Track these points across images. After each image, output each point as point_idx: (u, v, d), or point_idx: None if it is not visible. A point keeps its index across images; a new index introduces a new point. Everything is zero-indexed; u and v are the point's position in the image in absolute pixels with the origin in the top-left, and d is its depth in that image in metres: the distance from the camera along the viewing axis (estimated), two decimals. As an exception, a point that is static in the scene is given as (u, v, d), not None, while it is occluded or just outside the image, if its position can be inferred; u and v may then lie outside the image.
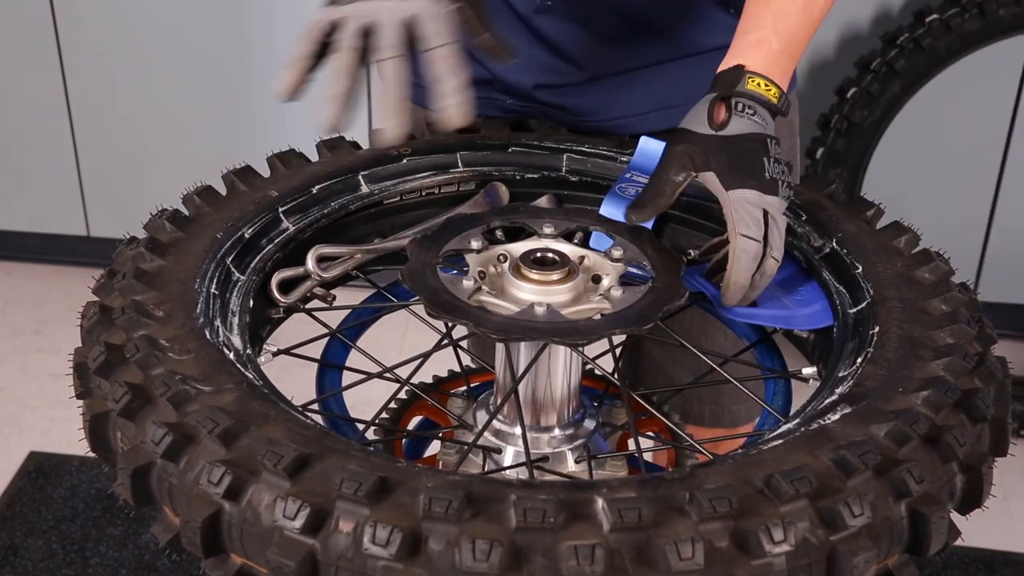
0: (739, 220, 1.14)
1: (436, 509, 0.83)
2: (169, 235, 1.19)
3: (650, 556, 0.82)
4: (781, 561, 0.84)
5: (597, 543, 0.81)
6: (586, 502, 0.85)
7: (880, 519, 0.88)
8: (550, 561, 0.82)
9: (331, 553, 0.84)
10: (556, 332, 1.06)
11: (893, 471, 0.90)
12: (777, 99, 1.21)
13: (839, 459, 0.90)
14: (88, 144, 3.14)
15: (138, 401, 0.96)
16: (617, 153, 1.40)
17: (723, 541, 0.84)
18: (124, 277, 1.11)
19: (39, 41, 3.01)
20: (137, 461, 0.94)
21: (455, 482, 0.86)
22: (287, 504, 0.85)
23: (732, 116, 1.18)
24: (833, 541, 0.86)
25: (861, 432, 0.94)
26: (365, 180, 1.34)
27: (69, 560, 2.39)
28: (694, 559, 0.82)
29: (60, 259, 3.35)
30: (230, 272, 1.16)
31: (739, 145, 1.17)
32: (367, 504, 0.84)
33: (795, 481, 0.86)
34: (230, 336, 1.08)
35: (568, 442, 1.21)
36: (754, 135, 1.18)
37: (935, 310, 1.11)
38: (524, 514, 0.82)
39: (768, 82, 1.20)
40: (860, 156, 2.66)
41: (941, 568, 2.37)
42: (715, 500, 0.84)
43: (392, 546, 0.82)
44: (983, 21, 2.56)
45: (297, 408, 0.99)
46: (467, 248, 1.17)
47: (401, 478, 0.86)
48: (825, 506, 0.86)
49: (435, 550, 0.83)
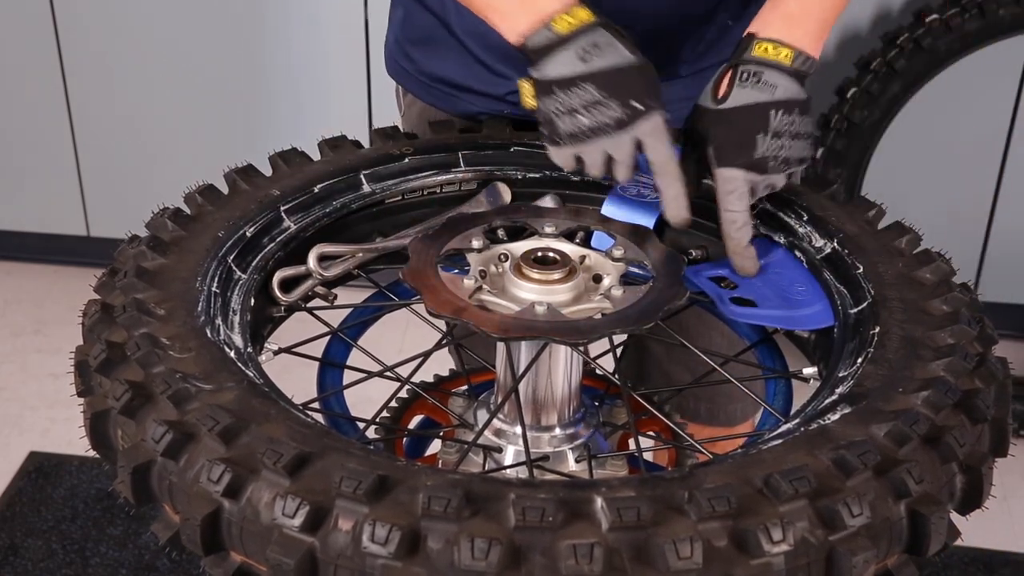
0: (723, 198, 1.20)
1: (435, 508, 0.83)
2: (171, 233, 1.19)
3: (649, 555, 0.82)
4: (780, 561, 0.84)
5: (596, 542, 0.81)
6: (585, 501, 0.85)
7: (879, 519, 0.88)
8: (549, 560, 0.82)
9: (330, 551, 0.84)
10: (556, 331, 1.06)
11: (893, 471, 0.90)
12: (790, 60, 1.20)
13: (838, 459, 0.90)
14: (88, 144, 3.14)
15: (139, 399, 0.97)
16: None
17: (722, 541, 0.84)
18: (125, 275, 1.11)
19: (39, 41, 3.00)
20: (137, 459, 0.94)
21: (454, 481, 0.86)
22: (286, 502, 0.85)
23: (735, 87, 1.19)
24: (832, 541, 0.86)
25: (861, 432, 0.94)
26: (367, 179, 1.34)
27: (69, 560, 2.38)
28: (692, 558, 0.82)
29: (60, 259, 3.34)
30: (231, 271, 1.17)
31: (735, 119, 1.19)
32: (366, 502, 0.84)
33: (794, 481, 0.86)
34: (231, 335, 1.08)
35: (569, 441, 1.21)
36: (754, 106, 1.18)
37: (936, 310, 1.10)
38: (523, 513, 0.82)
39: (777, 45, 1.20)
40: (860, 156, 2.66)
41: (941, 568, 2.36)
42: (714, 500, 0.84)
43: (391, 544, 0.82)
44: (983, 21, 2.56)
45: (297, 407, 0.99)
46: (468, 247, 1.17)
47: (400, 477, 0.87)
48: (824, 506, 0.86)
49: (434, 549, 0.83)
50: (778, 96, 1.19)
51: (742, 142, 1.18)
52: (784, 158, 1.19)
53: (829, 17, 1.26)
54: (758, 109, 1.18)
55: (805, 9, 1.24)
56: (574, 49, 1.16)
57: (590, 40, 1.17)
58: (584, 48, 1.16)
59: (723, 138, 1.19)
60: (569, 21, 1.17)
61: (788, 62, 1.19)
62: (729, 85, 1.20)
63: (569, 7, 1.18)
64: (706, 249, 1.32)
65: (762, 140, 1.17)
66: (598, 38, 1.17)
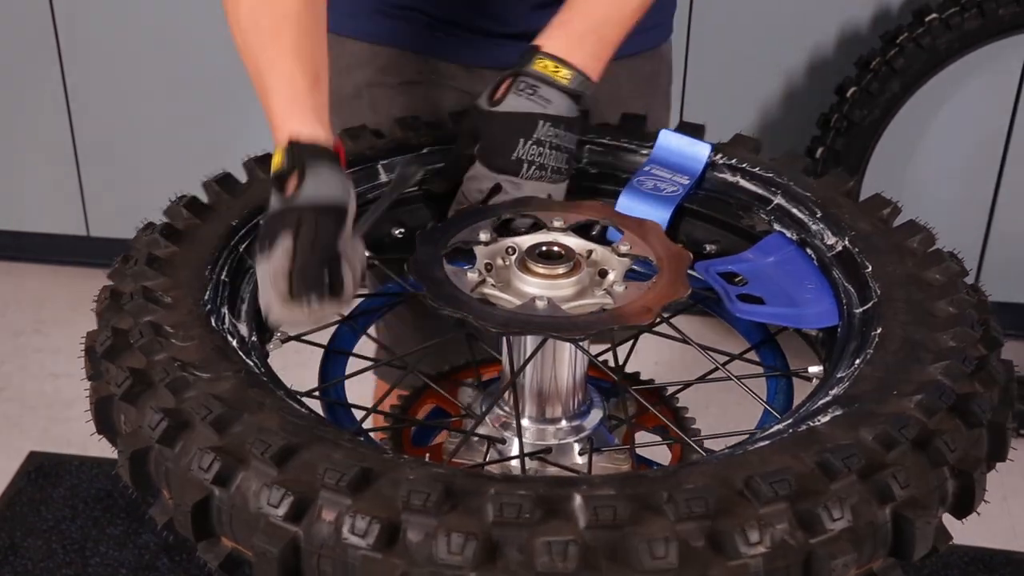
0: (465, 189, 1.28)
1: (414, 501, 0.84)
2: (185, 221, 1.21)
3: (625, 554, 0.83)
4: (758, 562, 0.84)
5: (571, 540, 0.82)
6: (564, 498, 0.85)
7: (862, 523, 0.88)
8: (525, 556, 0.82)
9: (314, 541, 0.86)
10: (554, 327, 1.06)
11: (877, 475, 0.89)
12: (568, 80, 1.26)
13: (823, 462, 0.89)
14: (88, 144, 3.13)
15: (139, 386, 0.99)
16: (638, 146, 1.40)
17: (699, 541, 0.84)
18: (136, 263, 1.13)
19: (38, 41, 3.00)
20: (136, 444, 0.96)
21: (436, 475, 0.87)
22: (271, 492, 0.87)
23: (510, 94, 1.25)
24: (812, 544, 0.86)
25: (849, 435, 0.93)
26: (384, 169, 1.35)
27: (69, 560, 2.39)
28: (667, 558, 0.82)
29: (60, 259, 3.33)
30: (242, 259, 1.18)
31: (504, 122, 1.25)
32: (349, 494, 0.86)
33: (775, 483, 0.86)
34: (237, 323, 1.10)
35: (574, 434, 1.22)
36: (523, 114, 1.24)
37: (941, 312, 1.09)
38: (501, 509, 0.83)
39: (559, 64, 1.26)
40: (860, 155, 2.67)
41: (941, 567, 2.35)
42: (692, 500, 0.84)
43: (370, 536, 0.84)
44: (983, 20, 2.56)
45: (296, 396, 1.01)
46: (475, 240, 1.18)
47: (384, 469, 0.88)
48: (804, 509, 0.86)
49: (413, 541, 0.84)
50: (549, 110, 1.25)
51: (504, 143, 1.24)
52: (540, 164, 1.25)
53: (613, 38, 1.32)
54: (527, 117, 1.25)
55: (591, 27, 1.30)
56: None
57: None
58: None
59: (489, 137, 1.26)
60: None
61: (566, 82, 1.26)
62: (505, 91, 1.26)
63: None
64: (719, 243, 1.32)
65: (523, 144, 1.24)
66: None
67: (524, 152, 1.24)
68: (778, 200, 1.29)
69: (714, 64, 2.78)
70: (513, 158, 1.25)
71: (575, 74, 1.26)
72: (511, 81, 1.26)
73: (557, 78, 1.26)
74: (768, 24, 2.74)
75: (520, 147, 1.24)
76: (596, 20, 1.30)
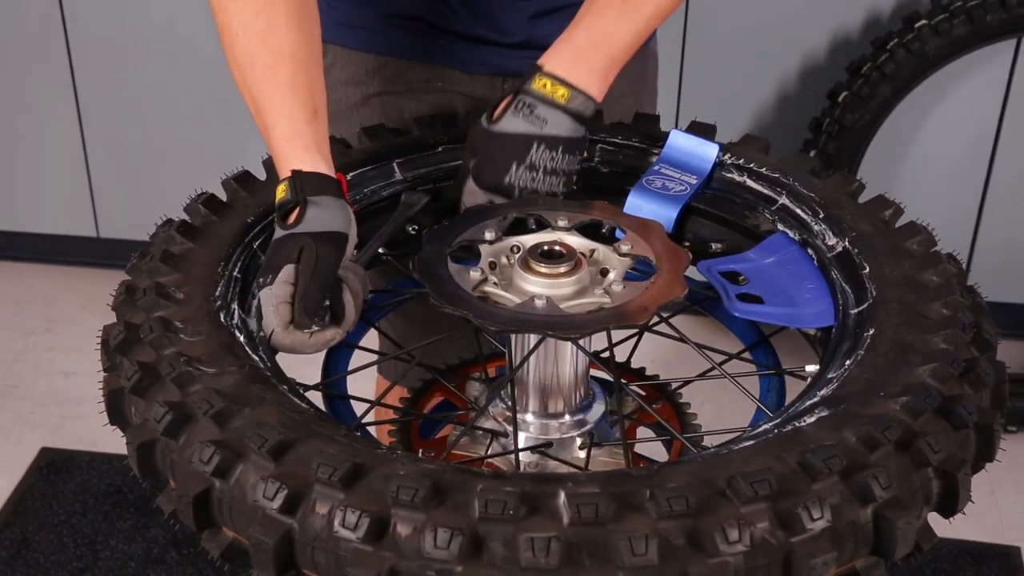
0: (465, 201, 1.29)
1: (403, 496, 0.87)
2: (202, 218, 1.24)
3: (606, 551, 0.85)
4: (739, 560, 0.86)
5: (554, 536, 0.85)
6: (549, 495, 0.88)
7: (844, 523, 0.90)
8: (509, 551, 0.85)
9: (308, 533, 0.89)
10: (551, 325, 1.09)
11: (858, 475, 0.91)
12: (566, 99, 1.26)
13: (804, 462, 0.91)
14: (98, 145, 3.16)
15: (147, 379, 1.02)
16: (648, 146, 1.41)
17: (679, 539, 0.86)
18: (152, 259, 1.17)
19: (48, 42, 3.02)
20: (143, 436, 1.00)
21: (426, 471, 0.90)
22: (267, 485, 0.90)
23: (508, 113, 1.26)
24: (792, 543, 0.88)
25: (833, 436, 0.95)
26: (399, 168, 1.38)
27: (80, 553, 2.44)
28: (648, 555, 0.84)
29: (70, 260, 3.33)
30: (256, 256, 1.22)
31: (499, 143, 1.26)
32: (341, 488, 0.89)
33: (755, 483, 0.88)
34: (247, 319, 1.14)
35: (576, 428, 1.24)
36: (518, 135, 1.26)
37: (934, 314, 1.10)
38: (486, 505, 0.86)
39: (556, 83, 1.26)
40: (851, 158, 2.71)
41: (930, 560, 2.37)
42: (672, 499, 0.87)
43: (360, 529, 0.87)
44: (971, 26, 2.59)
45: (298, 391, 1.04)
46: (480, 239, 1.21)
47: (376, 464, 0.91)
48: (785, 508, 0.88)
49: (401, 535, 0.87)
50: (545, 131, 1.25)
51: (498, 165, 1.26)
52: (533, 190, 1.27)
53: (619, 55, 1.31)
54: (521, 139, 1.25)
55: (594, 44, 1.29)
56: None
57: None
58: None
59: (483, 157, 1.27)
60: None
61: (563, 101, 1.26)
62: (503, 110, 1.26)
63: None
64: (725, 242, 1.33)
65: (516, 168, 1.25)
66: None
67: (516, 177, 1.25)
68: (783, 200, 1.31)
69: (709, 69, 2.82)
70: (506, 183, 1.27)
71: (574, 93, 1.26)
72: (510, 100, 1.27)
73: (555, 97, 1.26)
74: (762, 30, 2.78)
75: (513, 172, 1.25)
76: (600, 37, 1.29)
